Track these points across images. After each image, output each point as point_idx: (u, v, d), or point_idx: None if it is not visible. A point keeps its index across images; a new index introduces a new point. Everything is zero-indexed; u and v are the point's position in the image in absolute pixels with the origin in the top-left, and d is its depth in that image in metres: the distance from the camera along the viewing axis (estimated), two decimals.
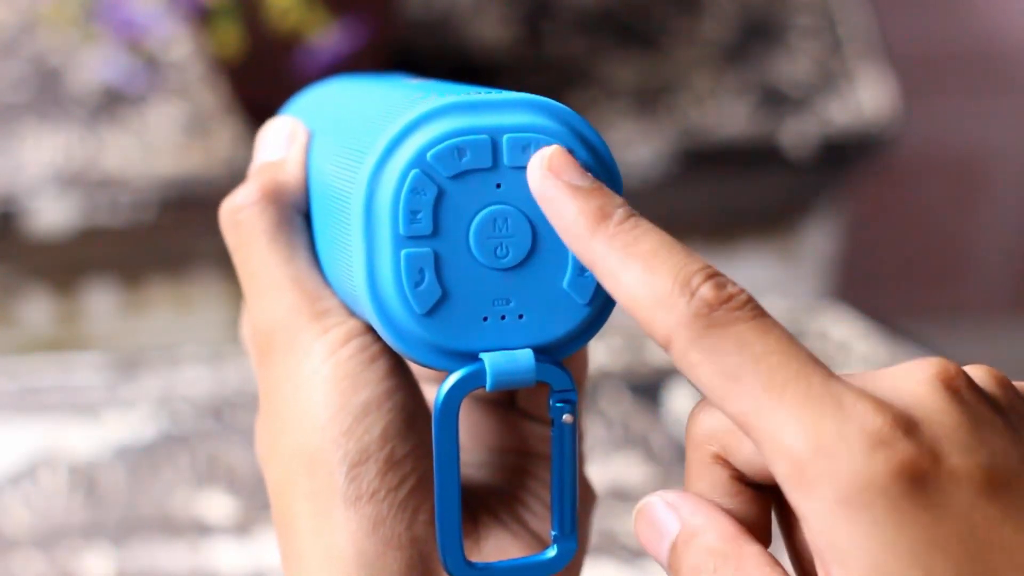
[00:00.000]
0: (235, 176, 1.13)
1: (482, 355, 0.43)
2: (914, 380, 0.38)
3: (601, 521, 0.83)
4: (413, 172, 0.42)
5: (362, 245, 0.43)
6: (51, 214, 1.13)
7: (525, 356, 0.43)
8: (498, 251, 0.43)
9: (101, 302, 1.20)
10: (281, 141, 0.50)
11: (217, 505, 0.85)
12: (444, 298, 0.43)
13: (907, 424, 0.36)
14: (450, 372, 0.43)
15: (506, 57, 1.21)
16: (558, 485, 0.45)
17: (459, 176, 0.42)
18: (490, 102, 0.43)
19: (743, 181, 1.22)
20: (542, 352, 0.43)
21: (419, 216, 0.42)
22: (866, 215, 1.61)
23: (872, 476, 0.35)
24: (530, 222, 0.43)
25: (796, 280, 1.26)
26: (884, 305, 1.65)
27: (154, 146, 1.15)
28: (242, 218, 0.48)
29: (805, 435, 0.36)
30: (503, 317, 0.43)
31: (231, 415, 0.89)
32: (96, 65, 1.16)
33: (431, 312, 0.43)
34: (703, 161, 1.17)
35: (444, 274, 0.43)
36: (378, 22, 1.07)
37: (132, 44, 1.09)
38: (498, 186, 0.43)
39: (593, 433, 0.87)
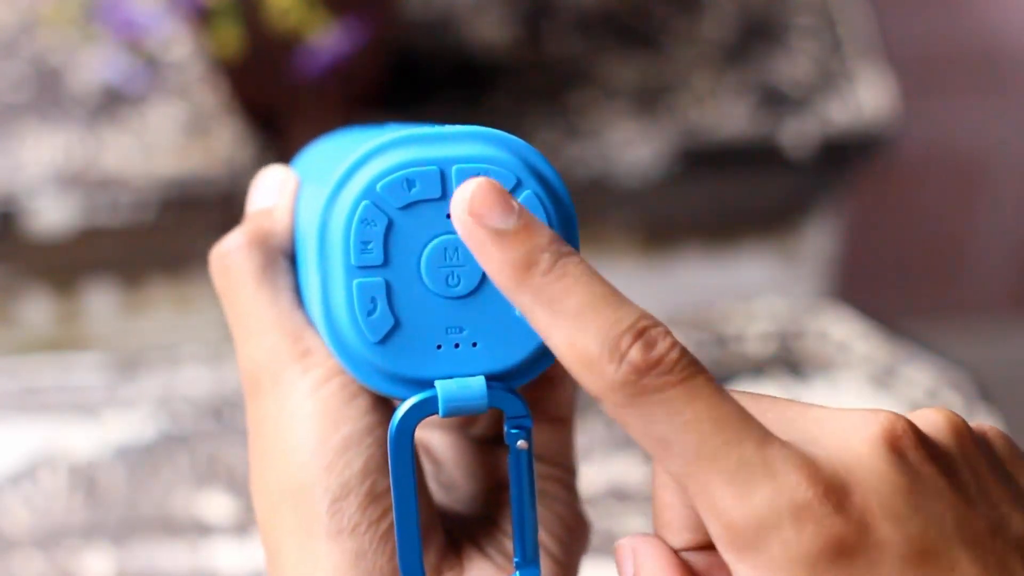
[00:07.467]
0: (235, 176, 1.13)
1: (435, 382, 0.43)
2: (859, 438, 0.38)
3: (601, 521, 0.83)
4: (363, 203, 0.43)
5: (317, 276, 0.43)
6: (51, 214, 1.13)
7: (477, 383, 0.43)
8: (449, 280, 0.43)
9: (101, 302, 1.20)
10: (273, 189, 0.51)
11: (217, 505, 0.85)
12: (396, 327, 0.43)
13: (839, 494, 0.37)
14: (404, 399, 0.44)
15: (506, 57, 1.21)
16: (518, 512, 0.45)
17: (409, 207, 0.43)
18: (440, 134, 0.43)
19: (743, 181, 1.22)
20: (498, 380, 0.44)
21: (370, 246, 0.43)
22: (866, 215, 1.60)
23: (800, 550, 0.36)
24: None
25: (796, 280, 1.26)
26: (884, 305, 1.65)
27: (154, 146, 1.15)
28: (229, 263, 0.49)
29: (738, 503, 0.37)
30: (457, 345, 0.43)
31: (231, 415, 0.89)
32: (96, 65, 1.16)
33: (384, 340, 0.43)
34: (703, 161, 1.17)
35: (396, 303, 0.43)
36: (378, 22, 1.07)
37: (132, 44, 1.09)
38: (448, 216, 0.43)
39: (593, 433, 0.87)
